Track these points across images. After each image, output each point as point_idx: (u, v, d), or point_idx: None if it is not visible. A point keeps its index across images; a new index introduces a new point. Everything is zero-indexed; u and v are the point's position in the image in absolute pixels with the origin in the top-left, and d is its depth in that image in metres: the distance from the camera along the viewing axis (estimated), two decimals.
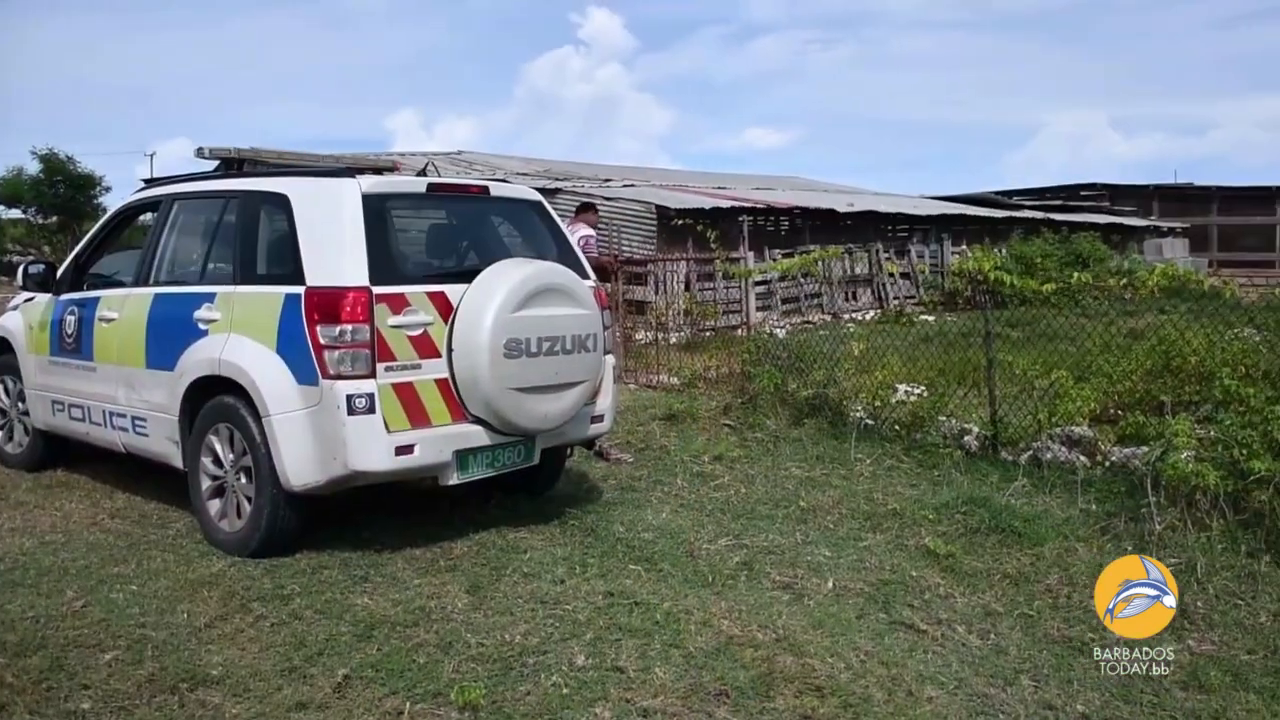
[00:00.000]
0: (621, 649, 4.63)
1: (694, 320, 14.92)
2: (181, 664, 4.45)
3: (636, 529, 6.47)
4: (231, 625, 4.89)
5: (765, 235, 22.44)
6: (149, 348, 6.56)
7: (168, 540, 6.25)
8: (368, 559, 5.83)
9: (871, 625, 5.02)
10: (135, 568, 5.73)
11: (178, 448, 6.33)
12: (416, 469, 5.83)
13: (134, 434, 6.73)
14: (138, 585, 5.44)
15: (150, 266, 6.88)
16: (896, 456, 8.19)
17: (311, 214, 5.88)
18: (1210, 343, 7.89)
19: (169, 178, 7.46)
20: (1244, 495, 6.02)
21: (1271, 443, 6.07)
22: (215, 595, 5.25)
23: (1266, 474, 5.88)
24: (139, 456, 6.91)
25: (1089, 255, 24.19)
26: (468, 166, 25.88)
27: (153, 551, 6.02)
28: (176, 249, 6.95)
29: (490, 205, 6.82)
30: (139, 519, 6.72)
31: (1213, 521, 5.94)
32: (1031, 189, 41.47)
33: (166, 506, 6.91)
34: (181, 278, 6.78)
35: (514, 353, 5.86)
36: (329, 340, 5.51)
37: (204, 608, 5.09)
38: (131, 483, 7.48)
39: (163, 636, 4.75)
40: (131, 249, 7.79)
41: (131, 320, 6.73)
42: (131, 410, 6.70)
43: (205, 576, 5.54)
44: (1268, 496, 5.90)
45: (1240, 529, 5.89)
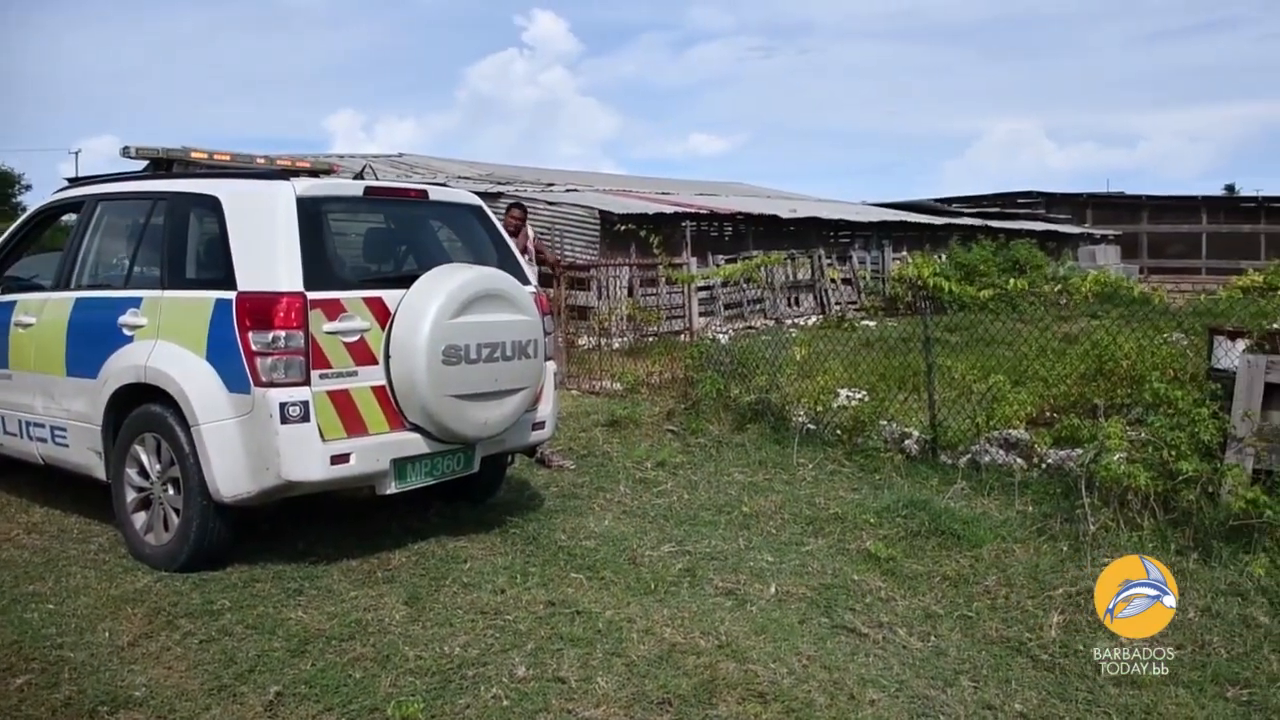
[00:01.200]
0: (563, 659, 4.57)
1: (637, 326, 14.91)
2: (101, 686, 4.29)
3: (578, 537, 6.40)
4: (157, 643, 4.73)
5: (709, 241, 22.45)
6: (69, 355, 6.33)
7: (89, 556, 6.05)
8: (302, 571, 5.69)
9: (814, 630, 5.01)
10: (53, 585, 5.53)
11: (100, 458, 6.14)
12: (353, 478, 5.70)
13: (53, 445, 6.51)
14: (55, 604, 5.24)
15: (71, 270, 6.65)
16: (838, 461, 8.23)
17: (244, 217, 5.73)
18: (1140, 347, 8.09)
19: (93, 177, 7.23)
20: (1173, 495, 6.15)
21: (1199, 444, 6.21)
22: (140, 612, 5.09)
23: (1194, 474, 6.03)
24: (59, 468, 6.68)
25: (1026, 262, 24.55)
26: (408, 169, 25.62)
27: (72, 568, 5.82)
28: (100, 252, 6.73)
29: (429, 209, 6.72)
30: (58, 534, 6.51)
31: (1144, 521, 6.09)
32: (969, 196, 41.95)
33: (88, 520, 6.70)
34: (105, 282, 6.58)
35: (453, 359, 5.75)
36: (261, 347, 5.36)
37: (127, 626, 4.92)
38: (50, 496, 7.23)
39: (82, 657, 4.57)
40: (52, 251, 7.52)
41: (50, 326, 6.51)
42: (50, 420, 6.48)
43: (129, 593, 5.36)
44: (1195, 496, 6.04)
45: (1170, 528, 6.03)
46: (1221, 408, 6.42)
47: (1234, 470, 6.05)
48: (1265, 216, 37.02)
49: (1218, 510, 5.98)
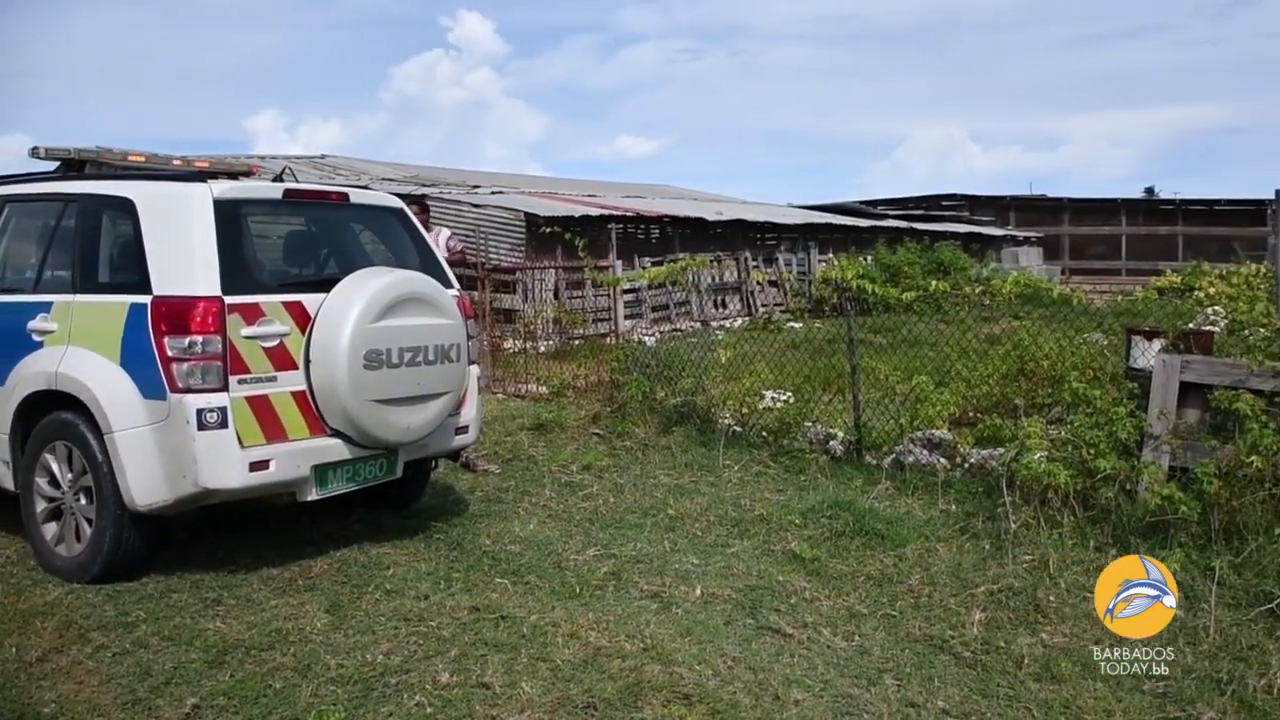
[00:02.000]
0: (487, 665, 4.54)
1: (563, 329, 14.89)
2: (8, 704, 4.18)
3: (503, 541, 6.37)
4: (68, 658, 4.62)
5: (635, 243, 22.48)
6: None
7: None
8: (221, 580, 5.59)
9: (739, 631, 5.03)
10: None
11: (8, 468, 6.00)
12: (273, 485, 5.61)
13: None
14: None
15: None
16: (764, 463, 8.27)
17: (159, 220, 5.61)
18: (1060, 348, 8.21)
19: (1, 178, 7.02)
20: (1092, 492, 6.26)
21: (1117, 442, 6.33)
22: (50, 626, 4.97)
23: (1112, 472, 6.14)
24: None
25: (950, 263, 24.95)
26: (332, 171, 25.34)
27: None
28: (8, 255, 6.52)
29: (350, 212, 6.63)
30: None
31: (1064, 518, 6.17)
32: (895, 199, 42.55)
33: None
34: (13, 286, 6.36)
35: (374, 364, 5.69)
36: (178, 352, 5.26)
37: (37, 640, 4.80)
38: None
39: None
40: None
41: None
42: None
43: (39, 606, 5.24)
44: (1114, 493, 6.17)
45: (1089, 525, 6.13)
46: (1139, 406, 6.54)
47: (1150, 468, 6.18)
48: (1183, 218, 38.19)
49: (1135, 507, 6.09)
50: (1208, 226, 36.91)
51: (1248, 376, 6.21)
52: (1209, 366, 6.45)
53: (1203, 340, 6.85)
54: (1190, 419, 6.47)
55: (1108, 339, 8.92)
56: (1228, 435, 6.18)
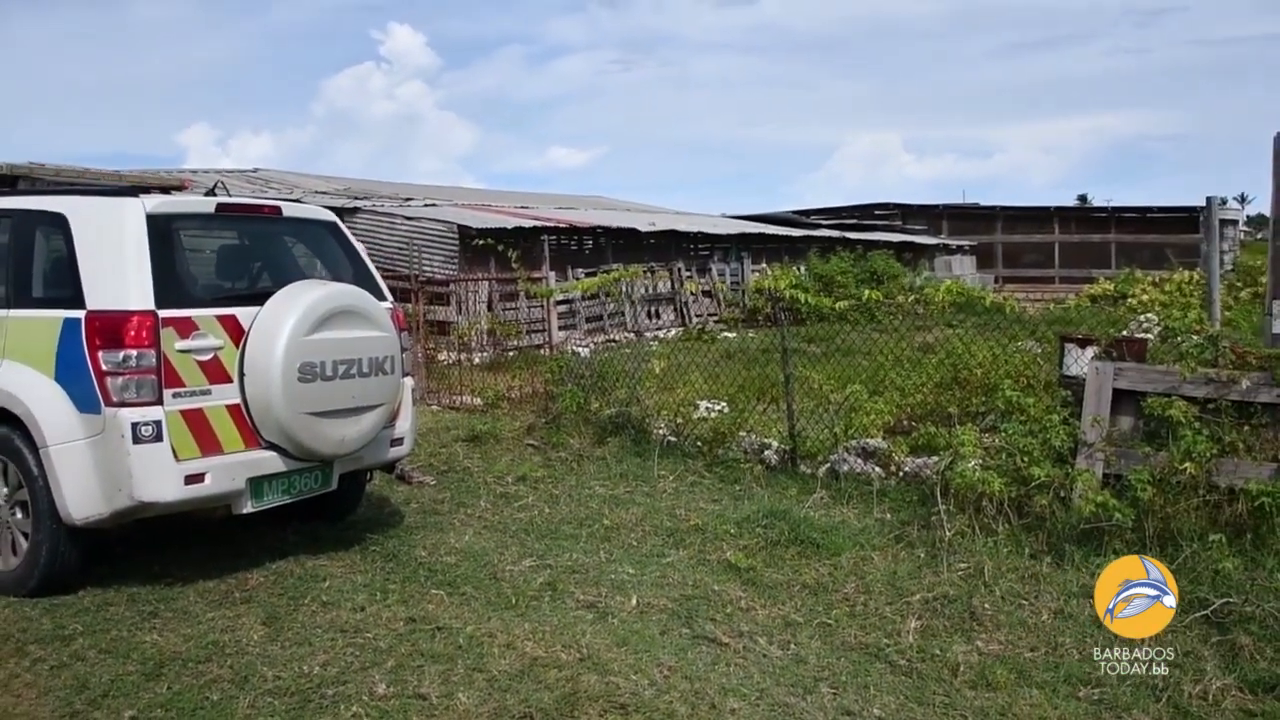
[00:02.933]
0: (424, 675, 4.59)
1: (497, 340, 14.90)
2: None
3: (439, 552, 6.42)
4: (5, 671, 4.64)
5: (569, 255, 22.58)
6: None
7: None
8: (157, 593, 5.61)
9: (675, 641, 5.10)
10: None
11: None
12: (208, 498, 5.64)
13: None
14: None
15: None
16: (699, 473, 8.35)
17: (92, 234, 5.62)
18: (994, 356, 8.27)
19: None
20: (1027, 500, 6.33)
21: (1050, 450, 6.41)
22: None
23: (1046, 480, 6.22)
24: None
25: (883, 272, 25.21)
26: (264, 185, 25.13)
27: None
28: None
29: (283, 226, 6.67)
30: None
31: (999, 526, 6.26)
32: (828, 208, 42.91)
33: None
34: None
35: (308, 376, 5.74)
36: (112, 366, 5.28)
37: None
38: None
39: None
40: None
41: None
42: None
43: None
44: (1048, 501, 6.23)
45: (1024, 532, 6.21)
46: (1072, 414, 6.62)
47: (1084, 475, 6.26)
48: (1116, 226, 38.74)
49: (1069, 514, 6.17)
50: (1140, 234, 37.49)
51: (1180, 384, 6.29)
52: (1142, 374, 6.52)
53: (1136, 347, 6.91)
54: (1124, 426, 6.56)
55: (1041, 347, 8.99)
56: (1161, 442, 6.27)
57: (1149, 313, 13.12)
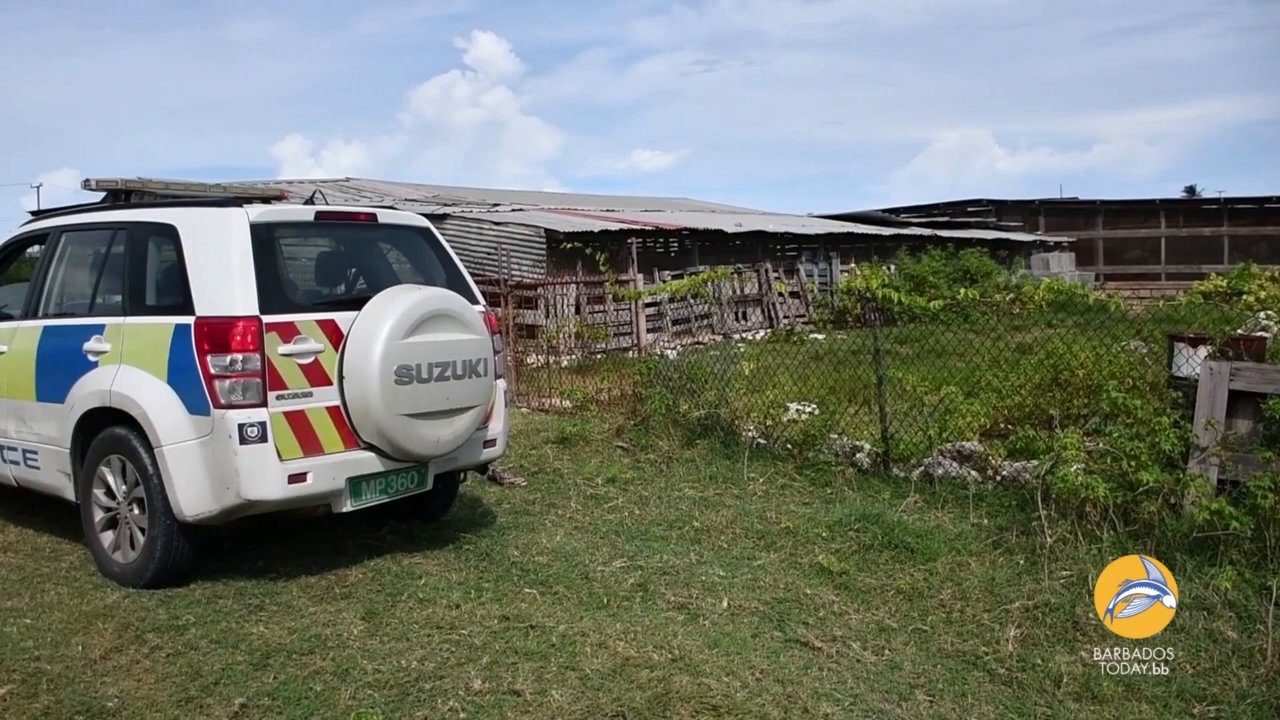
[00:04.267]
0: (518, 672, 4.67)
1: (585, 343, 15.03)
2: (77, 696, 4.42)
3: (531, 552, 6.52)
4: (127, 657, 4.86)
5: (655, 257, 22.65)
6: (39, 381, 6.48)
7: (61, 573, 6.18)
8: (263, 587, 5.82)
9: (767, 643, 5.08)
10: (29, 601, 5.67)
11: (69, 480, 6.26)
12: (310, 497, 5.82)
13: (25, 467, 6.65)
14: (32, 619, 5.38)
15: (39, 299, 6.80)
16: (789, 475, 8.27)
17: (200, 244, 5.86)
18: (1097, 355, 7.97)
19: (56, 210, 7.34)
20: (1134, 507, 6.07)
21: (1159, 454, 6.10)
22: (110, 627, 5.22)
23: (1155, 485, 5.91)
24: (31, 490, 6.80)
25: (977, 271, 24.56)
26: (356, 193, 25.66)
27: (46, 585, 5.96)
28: (65, 281, 6.87)
29: (378, 232, 6.86)
30: (32, 552, 6.65)
31: (1103, 533, 6.00)
32: (918, 206, 41.86)
33: (60, 539, 6.83)
34: (70, 310, 6.69)
35: (404, 379, 5.90)
36: (219, 370, 5.51)
37: (99, 640, 5.05)
38: (24, 516, 7.36)
39: (58, 669, 4.71)
40: (19, 282, 7.62)
41: (21, 353, 6.65)
42: (23, 444, 6.62)
43: (100, 609, 5.49)
44: (1157, 507, 5.95)
45: (1130, 540, 5.91)
46: (1183, 416, 6.31)
47: (1197, 481, 5.95)
48: (1228, 218, 36.71)
49: (1181, 522, 5.91)
50: (1257, 226, 35.51)
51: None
52: (1261, 374, 6.19)
53: (1254, 346, 6.56)
54: (1241, 430, 6.23)
55: (1148, 347, 8.63)
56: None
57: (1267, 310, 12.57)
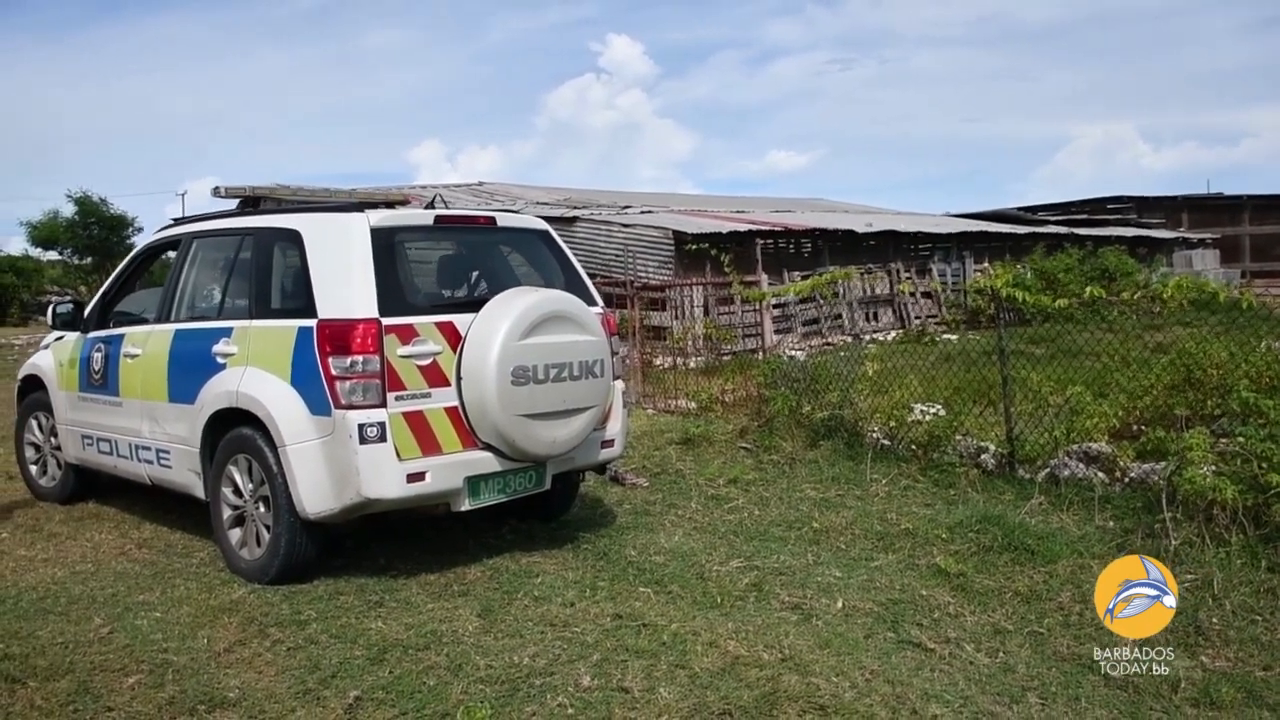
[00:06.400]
0: (628, 670, 4.69)
1: (713, 344, 14.99)
2: (200, 687, 4.58)
3: (648, 552, 6.55)
4: (249, 650, 5.02)
5: (785, 258, 22.52)
6: (171, 382, 6.74)
7: (191, 569, 6.42)
8: (383, 584, 5.95)
9: (879, 644, 5.04)
10: (160, 595, 5.90)
11: (199, 478, 6.49)
12: (428, 496, 5.93)
13: (158, 466, 6.92)
14: (161, 612, 5.60)
15: (171, 303, 7.08)
16: (912, 476, 8.18)
17: (322, 248, 6.03)
18: (1231, 355, 7.73)
19: (190, 217, 7.67)
20: (1264, 509, 5.90)
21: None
22: (235, 621, 5.39)
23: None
24: (164, 488, 7.07)
25: (1115, 269, 23.77)
26: (489, 197, 26.10)
27: (176, 580, 6.19)
28: (196, 286, 7.15)
29: (498, 235, 6.96)
30: (164, 548, 6.91)
31: (1232, 536, 5.84)
32: (1056, 204, 41.09)
33: (191, 536, 7.09)
34: (201, 313, 6.96)
35: (521, 380, 5.97)
36: (340, 371, 5.64)
37: (224, 633, 5.23)
38: (158, 513, 7.69)
39: (184, 661, 4.89)
40: (155, 287, 7.99)
41: (154, 356, 6.92)
42: (155, 443, 6.89)
43: (226, 603, 5.69)
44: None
45: (1261, 544, 5.78)
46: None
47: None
48: None
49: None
50: None
51: None
52: None
53: None
54: None
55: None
56: None
57: None
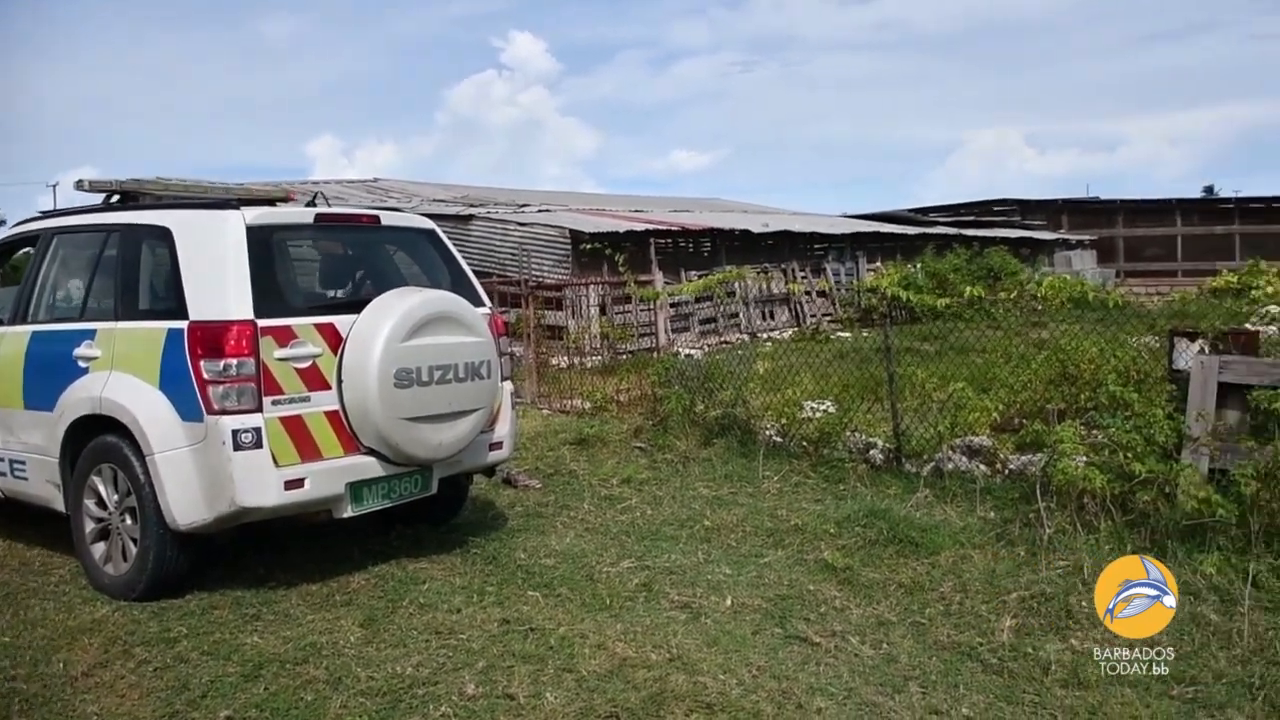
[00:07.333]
0: (514, 676, 4.61)
1: (610, 344, 14.94)
2: (53, 716, 4.34)
3: (538, 555, 6.45)
4: (111, 672, 4.77)
5: (684, 257, 22.52)
6: (26, 388, 6.40)
7: (49, 588, 6.10)
8: (261, 596, 5.74)
9: (766, 640, 5.06)
10: (10, 618, 5.58)
11: (59, 490, 6.18)
12: (308, 503, 5.73)
13: (12, 478, 6.57)
14: (11, 636, 5.29)
15: (27, 303, 6.71)
16: (803, 472, 8.26)
17: (194, 247, 5.78)
18: (1101, 351, 8.06)
19: (55, 211, 7.29)
20: (1130, 496, 6.17)
21: (1154, 445, 6.24)
22: (96, 642, 5.13)
23: (1150, 475, 6.04)
24: (20, 502, 6.72)
25: (1000, 269, 24.49)
26: (384, 194, 25.67)
27: (31, 600, 5.86)
28: (55, 285, 6.79)
29: (382, 234, 6.78)
30: (19, 567, 6.55)
31: (1101, 523, 6.10)
32: (946, 205, 42.08)
33: (50, 552, 6.73)
34: (60, 315, 6.62)
35: (405, 382, 5.81)
36: (213, 375, 5.41)
37: (83, 656, 4.96)
38: (13, 529, 7.25)
39: (34, 689, 4.62)
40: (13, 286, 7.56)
41: (8, 360, 6.57)
42: (9, 454, 6.54)
43: (87, 623, 5.41)
44: (1152, 497, 6.05)
45: (1127, 530, 6.04)
46: (1178, 409, 6.45)
47: (1188, 470, 6.08)
48: (1240, 217, 37.17)
49: (1174, 511, 5.98)
50: (1268, 224, 35.78)
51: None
52: (1248, 366, 6.37)
53: (1244, 340, 6.76)
54: (1230, 420, 6.38)
55: (1159, 342, 8.67)
56: (1269, 437, 6.06)
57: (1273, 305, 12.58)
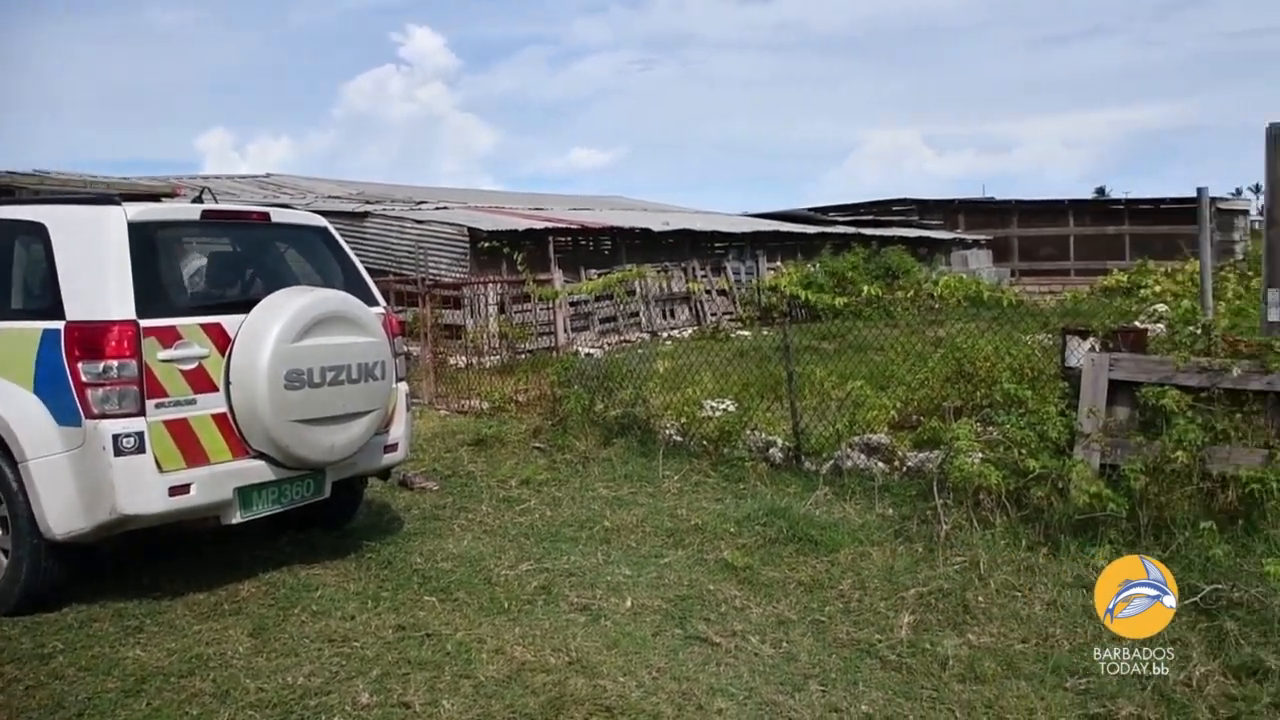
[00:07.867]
0: (409, 683, 4.52)
1: (510, 343, 14.82)
2: None
3: (435, 559, 6.34)
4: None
5: (584, 256, 22.47)
6: None
7: None
8: (145, 607, 5.53)
9: (666, 641, 5.03)
10: None
11: None
12: (194, 509, 5.54)
13: None
14: None
15: None
16: (704, 472, 8.26)
17: (72, 244, 5.54)
18: (996, 349, 8.21)
19: None
20: (1025, 493, 6.27)
21: (1048, 441, 6.36)
22: None
23: (1043, 471, 6.16)
24: None
25: (898, 268, 24.88)
26: (277, 190, 25.16)
27: None
28: None
29: (272, 232, 6.59)
30: None
31: (996, 519, 6.19)
32: (845, 205, 42.56)
33: None
34: None
35: (295, 384, 5.65)
36: (92, 377, 5.19)
37: None
38: None
39: None
40: None
41: None
42: None
43: None
44: (1046, 492, 6.17)
45: (1022, 525, 6.15)
46: (1071, 405, 6.58)
47: (1079, 466, 6.21)
48: (1130, 218, 38.29)
49: (1066, 505, 6.11)
50: (1154, 225, 36.86)
51: (1174, 373, 6.27)
52: (1137, 364, 6.51)
53: (1133, 338, 6.91)
54: (1120, 417, 6.53)
55: (1052, 340, 8.88)
56: (1156, 432, 6.21)
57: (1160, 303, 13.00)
